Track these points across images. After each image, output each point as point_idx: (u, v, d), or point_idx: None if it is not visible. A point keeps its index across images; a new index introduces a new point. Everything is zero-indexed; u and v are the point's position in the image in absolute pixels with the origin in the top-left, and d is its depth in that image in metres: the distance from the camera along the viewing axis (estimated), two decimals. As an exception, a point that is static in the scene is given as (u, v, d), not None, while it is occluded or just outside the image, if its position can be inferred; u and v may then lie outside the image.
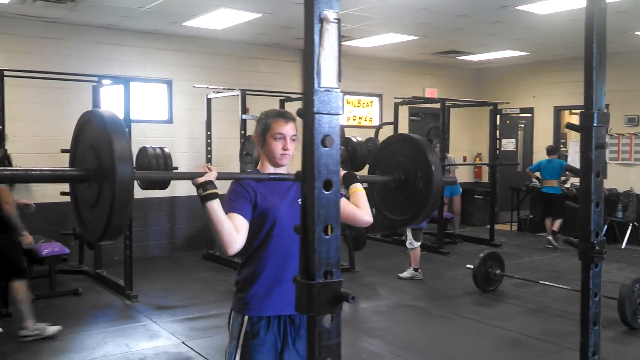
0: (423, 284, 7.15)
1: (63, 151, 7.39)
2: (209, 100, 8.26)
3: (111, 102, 7.46)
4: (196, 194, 2.17)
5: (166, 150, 6.46)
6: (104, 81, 6.93)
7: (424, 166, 2.61)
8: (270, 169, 2.47)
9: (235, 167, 7.99)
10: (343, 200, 2.44)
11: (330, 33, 1.28)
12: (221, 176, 2.20)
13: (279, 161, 2.44)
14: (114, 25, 7.98)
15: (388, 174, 2.73)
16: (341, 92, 1.31)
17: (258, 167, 2.53)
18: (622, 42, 8.38)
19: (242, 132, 7.50)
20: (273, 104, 8.88)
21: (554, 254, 9.13)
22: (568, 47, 9.49)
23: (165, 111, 8.82)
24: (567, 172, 9.55)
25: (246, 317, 2.40)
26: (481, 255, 6.76)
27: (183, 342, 5.07)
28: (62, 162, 7.41)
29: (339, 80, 1.32)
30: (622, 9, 6.65)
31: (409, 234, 7.13)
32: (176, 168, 6.71)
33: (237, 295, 2.47)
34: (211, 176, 2.15)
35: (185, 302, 6.25)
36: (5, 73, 6.14)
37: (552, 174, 9.49)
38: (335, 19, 1.27)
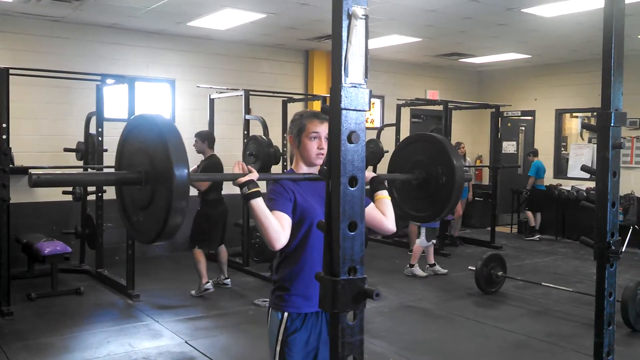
0: (425, 285, 7.16)
1: (66, 150, 7.42)
2: (212, 101, 8.25)
3: (114, 101, 7.46)
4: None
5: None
6: (108, 80, 6.92)
7: (445, 162, 2.65)
8: (304, 169, 2.54)
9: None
10: (370, 206, 2.50)
11: (359, 29, 1.28)
12: (261, 177, 2.27)
13: (314, 161, 2.50)
14: (118, 24, 7.98)
15: (408, 173, 2.77)
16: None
17: (292, 167, 2.59)
18: (626, 46, 8.37)
19: (245, 132, 7.49)
20: (276, 104, 8.88)
21: (556, 256, 9.14)
22: (572, 50, 9.50)
23: (168, 111, 8.81)
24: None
25: (285, 314, 2.48)
26: (484, 256, 6.76)
27: (186, 342, 5.06)
28: (65, 161, 7.47)
29: (366, 77, 1.32)
30: (627, 12, 6.65)
31: (424, 232, 7.26)
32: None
33: (276, 293, 2.53)
34: (253, 176, 2.22)
35: (188, 302, 6.24)
36: (10, 71, 6.12)
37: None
38: (363, 15, 1.27)
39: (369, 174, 2.55)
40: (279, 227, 2.28)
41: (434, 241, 7.60)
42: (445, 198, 2.67)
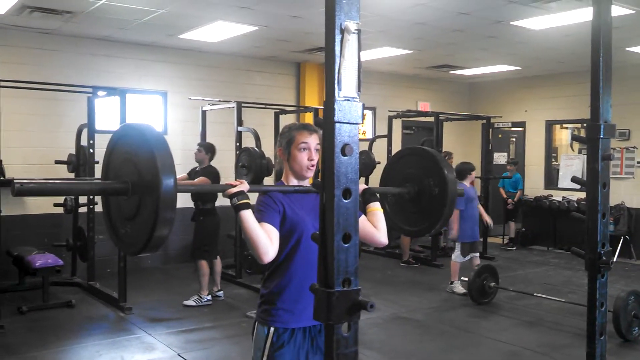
0: (418, 297, 7.16)
1: (57, 162, 7.39)
2: (204, 113, 8.26)
3: (106, 113, 7.45)
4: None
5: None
6: (99, 92, 6.91)
7: (437, 174, 2.65)
8: (294, 182, 2.51)
9: (230, 179, 7.96)
10: (362, 218, 2.46)
11: (351, 43, 1.30)
12: (251, 188, 2.25)
13: (305, 173, 2.47)
14: (110, 37, 7.99)
15: (400, 186, 2.76)
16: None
17: (283, 180, 2.55)
18: (613, 58, 8.48)
19: (238, 144, 7.50)
20: (268, 116, 8.91)
21: (548, 266, 9.17)
22: (560, 62, 9.61)
23: (160, 123, 8.81)
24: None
25: (272, 329, 2.45)
26: (476, 268, 6.79)
27: (179, 355, 5.03)
28: (56, 174, 7.43)
29: (359, 90, 1.34)
30: (614, 25, 6.74)
31: (459, 247, 7.14)
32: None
33: (263, 307, 2.50)
34: (243, 188, 2.20)
35: (180, 314, 6.21)
36: (2, 84, 6.12)
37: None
38: (356, 29, 1.29)
39: (361, 185, 2.55)
40: (267, 241, 2.25)
41: (477, 254, 7.34)
42: (438, 210, 2.67)
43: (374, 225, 2.51)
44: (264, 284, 2.54)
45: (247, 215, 2.20)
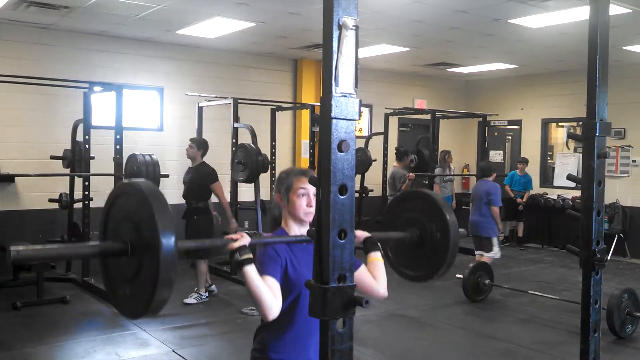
0: (413, 294, 7.16)
1: (52, 157, 7.37)
2: (200, 109, 8.25)
3: (102, 109, 7.44)
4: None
5: (154, 157, 6.50)
6: (96, 88, 6.90)
7: (438, 218, 2.57)
8: (294, 228, 2.45)
9: (226, 175, 7.97)
10: (361, 269, 2.39)
11: (349, 40, 1.30)
12: (253, 242, 2.18)
13: (303, 218, 2.42)
14: (106, 32, 7.96)
15: (401, 231, 2.70)
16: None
17: (282, 226, 2.49)
18: (610, 57, 8.50)
19: (234, 140, 7.49)
20: (265, 113, 8.90)
21: (542, 264, 9.21)
22: (557, 60, 9.62)
23: (156, 119, 8.79)
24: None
25: None
26: (471, 265, 6.80)
27: (173, 351, 5.02)
28: (52, 169, 7.42)
29: (356, 87, 1.34)
30: (611, 23, 6.76)
31: (497, 244, 7.23)
32: (167, 176, 6.69)
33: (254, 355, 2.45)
34: (244, 242, 2.14)
35: (175, 311, 6.19)
36: (-3, 78, 6.11)
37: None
38: (353, 26, 1.29)
39: (363, 233, 2.43)
40: (272, 297, 2.21)
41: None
42: (441, 256, 2.60)
43: (374, 276, 2.43)
44: (256, 334, 2.48)
45: (251, 272, 2.16)
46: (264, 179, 7.54)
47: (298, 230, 2.45)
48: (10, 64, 7.35)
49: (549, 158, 11.67)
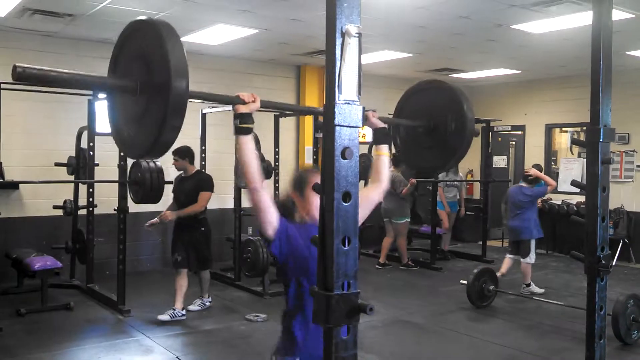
0: (417, 300, 7.15)
1: (57, 164, 7.39)
2: (204, 115, 8.25)
3: (106, 116, 7.45)
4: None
5: (158, 164, 6.50)
6: (100, 95, 6.91)
7: (455, 109, 2.45)
8: (308, 222, 2.46)
9: (229, 182, 7.98)
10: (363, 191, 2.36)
11: (352, 47, 1.30)
12: (264, 104, 2.12)
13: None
14: (110, 39, 7.97)
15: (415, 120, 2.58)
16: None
17: (297, 219, 2.49)
18: (613, 62, 8.49)
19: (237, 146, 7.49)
20: (268, 119, 8.90)
21: (547, 270, 9.17)
22: (560, 65, 9.61)
23: (159, 125, 8.80)
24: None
25: None
26: (475, 271, 6.78)
27: (177, 357, 5.02)
28: (56, 175, 7.43)
29: (359, 94, 1.34)
30: (614, 29, 6.75)
31: (533, 248, 7.29)
32: (171, 182, 6.69)
33: (281, 339, 2.45)
34: (253, 107, 2.07)
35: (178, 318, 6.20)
36: (2, 86, 6.12)
37: None
38: (356, 33, 1.30)
39: (378, 122, 2.38)
40: (259, 177, 2.17)
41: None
42: (452, 147, 2.48)
43: (379, 170, 2.42)
44: (282, 316, 2.46)
45: (246, 141, 2.10)
46: (268, 185, 7.54)
47: (310, 223, 2.45)
48: (15, 71, 7.36)
49: (553, 163, 11.65)
